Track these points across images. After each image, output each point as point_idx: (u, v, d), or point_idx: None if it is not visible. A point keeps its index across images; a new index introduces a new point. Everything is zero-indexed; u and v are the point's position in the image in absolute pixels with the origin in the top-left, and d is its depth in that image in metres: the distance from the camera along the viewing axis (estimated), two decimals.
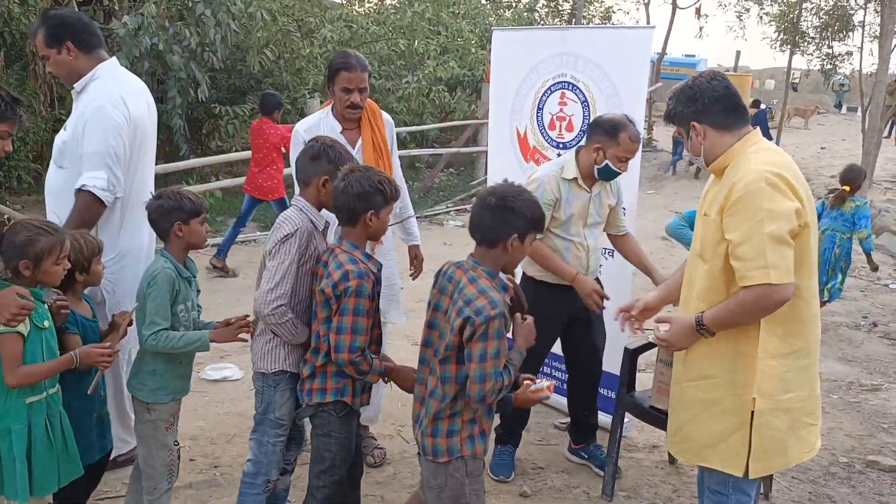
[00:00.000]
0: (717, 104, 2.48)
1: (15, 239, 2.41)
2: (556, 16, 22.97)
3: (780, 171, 2.33)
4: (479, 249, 2.47)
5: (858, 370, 5.70)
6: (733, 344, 2.43)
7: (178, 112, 9.43)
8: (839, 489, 3.87)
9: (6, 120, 2.47)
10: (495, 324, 2.31)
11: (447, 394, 2.43)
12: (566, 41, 4.18)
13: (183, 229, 2.72)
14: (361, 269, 2.57)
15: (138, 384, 2.78)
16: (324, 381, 2.67)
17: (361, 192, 2.58)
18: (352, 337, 2.54)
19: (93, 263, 2.75)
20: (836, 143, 20.91)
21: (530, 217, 2.43)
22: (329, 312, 2.58)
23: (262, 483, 2.84)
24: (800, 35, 20.83)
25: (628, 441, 4.18)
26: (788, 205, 2.29)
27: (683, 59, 33.14)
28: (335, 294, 2.55)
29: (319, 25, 11.68)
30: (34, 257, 2.41)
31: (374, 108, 3.52)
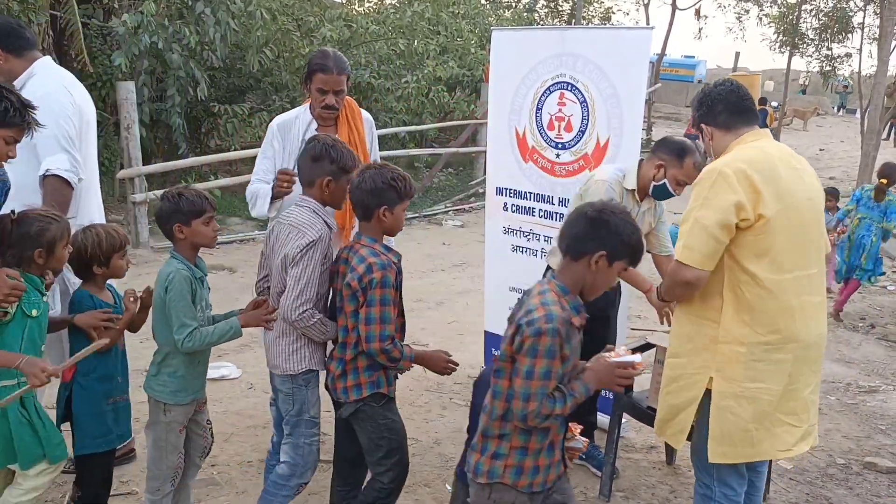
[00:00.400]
0: (720, 105, 2.63)
1: (29, 229, 2.48)
2: (556, 16, 22.98)
3: (743, 166, 2.46)
4: (562, 261, 2.30)
5: (856, 372, 5.71)
6: (696, 326, 2.59)
7: (177, 111, 9.42)
8: (836, 491, 3.87)
9: (13, 126, 2.43)
10: (545, 340, 2.11)
11: (496, 410, 2.25)
12: (565, 41, 4.18)
13: (184, 230, 2.70)
14: (383, 260, 2.63)
15: (159, 386, 2.77)
16: (357, 376, 2.71)
17: (374, 188, 2.62)
18: (381, 326, 2.60)
19: (113, 258, 2.76)
20: (834, 145, 20.95)
21: (626, 242, 2.22)
22: (356, 305, 2.63)
23: (294, 486, 2.86)
24: (799, 37, 20.86)
25: (626, 442, 4.19)
26: (728, 198, 2.42)
27: (683, 60, 33.19)
28: (361, 287, 2.59)
29: (319, 25, 11.67)
30: (48, 245, 2.50)
31: (353, 107, 3.47)
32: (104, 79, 9.69)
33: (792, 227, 2.47)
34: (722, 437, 2.54)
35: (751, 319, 2.47)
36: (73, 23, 8.62)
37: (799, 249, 2.51)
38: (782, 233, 2.45)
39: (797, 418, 2.57)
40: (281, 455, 2.89)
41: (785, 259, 2.47)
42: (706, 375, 2.55)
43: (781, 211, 2.44)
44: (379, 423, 2.75)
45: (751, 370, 2.48)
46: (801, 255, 2.52)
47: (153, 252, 7.82)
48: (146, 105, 9.20)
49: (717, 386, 2.52)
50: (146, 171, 8.20)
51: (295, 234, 2.71)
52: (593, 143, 4.10)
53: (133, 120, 7.91)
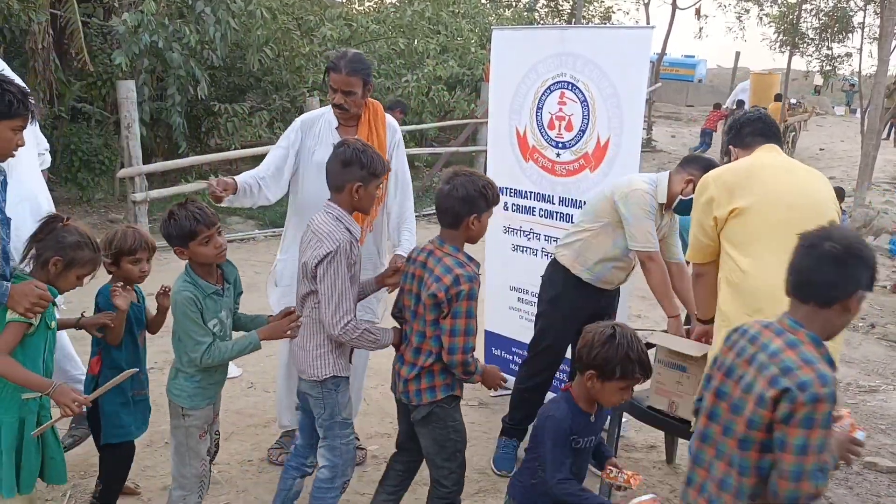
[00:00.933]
0: (747, 129, 3.01)
1: (65, 238, 2.52)
2: (556, 15, 22.94)
3: (722, 171, 2.92)
4: (804, 308, 1.95)
5: (856, 371, 5.71)
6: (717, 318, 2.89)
7: (177, 110, 9.41)
8: (836, 490, 3.87)
9: (18, 115, 2.41)
10: (824, 407, 1.80)
11: (744, 488, 1.92)
12: (566, 41, 4.17)
13: (184, 252, 2.68)
14: (470, 272, 2.62)
15: (177, 390, 2.78)
16: (431, 379, 2.74)
17: (466, 196, 2.62)
18: (465, 339, 2.62)
19: (122, 261, 2.78)
20: (834, 145, 20.93)
21: (873, 267, 1.94)
22: (438, 315, 2.63)
23: (339, 486, 2.90)
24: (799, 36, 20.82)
25: (626, 441, 4.19)
26: (704, 198, 2.87)
27: (683, 59, 33.13)
28: (447, 298, 2.59)
29: (319, 24, 11.66)
30: (68, 262, 2.51)
31: (377, 111, 3.47)
32: (104, 77, 9.68)
33: (771, 217, 2.72)
34: None
35: (737, 300, 2.74)
36: (74, 21, 8.62)
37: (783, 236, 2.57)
38: (759, 221, 2.73)
39: None
40: (319, 460, 2.90)
41: (764, 245, 2.69)
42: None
43: (756, 203, 2.74)
44: (448, 424, 2.79)
45: None
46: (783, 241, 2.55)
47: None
48: (146, 104, 9.19)
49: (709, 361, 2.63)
50: (146, 170, 8.18)
51: (315, 242, 2.71)
52: (594, 143, 4.10)
53: (133, 119, 7.90)
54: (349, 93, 3.30)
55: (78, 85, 9.89)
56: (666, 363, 3.35)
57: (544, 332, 3.82)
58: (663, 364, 3.35)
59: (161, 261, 7.50)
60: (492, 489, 3.67)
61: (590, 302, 3.72)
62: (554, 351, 3.81)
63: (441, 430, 2.78)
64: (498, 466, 3.81)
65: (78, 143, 9.20)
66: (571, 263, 3.70)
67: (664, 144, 18.36)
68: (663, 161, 16.36)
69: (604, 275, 3.67)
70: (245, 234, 8.94)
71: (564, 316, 3.74)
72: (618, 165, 4.01)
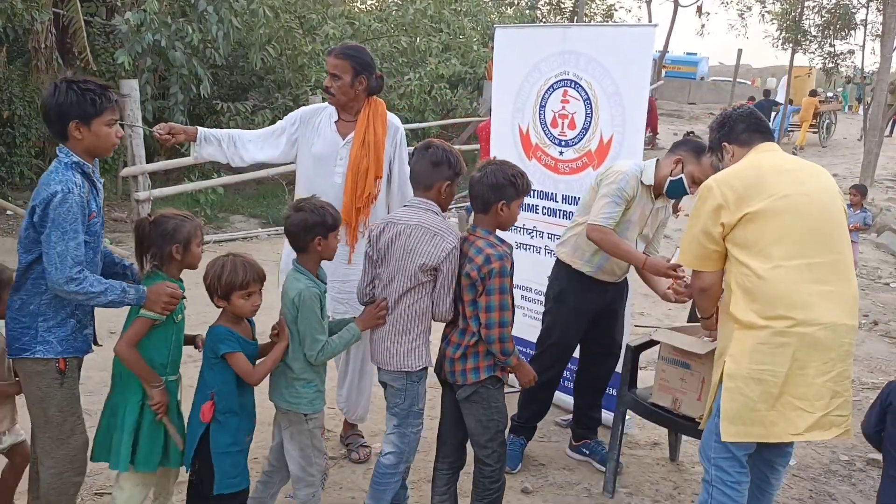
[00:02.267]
0: (741, 125, 2.88)
1: (165, 227, 2.66)
2: (558, 13, 22.94)
3: (727, 175, 2.77)
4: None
5: (859, 369, 5.71)
6: (726, 323, 2.79)
7: (179, 108, 9.43)
8: (840, 487, 3.88)
9: (104, 110, 2.52)
10: None
11: None
12: (569, 39, 4.18)
13: (321, 244, 2.76)
14: (500, 251, 2.78)
15: (294, 398, 2.80)
16: (476, 360, 2.87)
17: (496, 183, 2.80)
18: (500, 313, 2.76)
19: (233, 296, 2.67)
20: (837, 142, 20.92)
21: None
22: (475, 294, 2.79)
23: (402, 471, 3.05)
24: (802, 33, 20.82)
25: (630, 438, 4.19)
26: (709, 205, 2.73)
27: (685, 57, 33.14)
28: (480, 277, 2.75)
29: (321, 22, 11.68)
30: (184, 241, 2.66)
31: (377, 108, 3.48)
32: (107, 76, 9.70)
33: (785, 220, 2.64)
34: (733, 417, 2.66)
35: (754, 306, 2.64)
36: (76, 20, 8.64)
37: (795, 239, 2.64)
38: (770, 225, 2.65)
39: (809, 404, 2.63)
40: (386, 447, 3.01)
41: (777, 249, 2.64)
42: (723, 360, 2.73)
43: (769, 207, 2.64)
44: (492, 405, 2.91)
45: (756, 353, 2.62)
46: (800, 245, 2.65)
47: None
48: (149, 103, 9.21)
49: (727, 369, 2.68)
50: (149, 168, 8.19)
51: (430, 238, 2.80)
52: (596, 141, 4.11)
53: (136, 118, 7.92)
54: (335, 76, 3.34)
55: None
56: (669, 360, 3.35)
57: (550, 329, 3.82)
58: (667, 361, 3.36)
59: None
60: None
61: (595, 296, 3.71)
62: (560, 347, 3.81)
63: (485, 411, 2.90)
64: None
65: None
66: (571, 259, 3.72)
67: (666, 142, 18.35)
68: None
69: (604, 265, 3.67)
70: (247, 232, 8.95)
71: (569, 311, 3.75)
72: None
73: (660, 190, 3.59)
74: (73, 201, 2.41)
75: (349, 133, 3.43)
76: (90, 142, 2.53)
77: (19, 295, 2.56)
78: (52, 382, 2.56)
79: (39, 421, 2.60)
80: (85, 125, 2.49)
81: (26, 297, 2.54)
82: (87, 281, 2.43)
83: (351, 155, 3.39)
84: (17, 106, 8.56)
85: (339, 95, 3.39)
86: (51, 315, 2.54)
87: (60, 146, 2.55)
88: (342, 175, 3.41)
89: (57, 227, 2.40)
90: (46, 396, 2.57)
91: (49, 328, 2.54)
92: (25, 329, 2.54)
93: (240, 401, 2.73)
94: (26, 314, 2.54)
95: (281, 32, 10.91)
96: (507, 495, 3.61)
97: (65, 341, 2.56)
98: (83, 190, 2.48)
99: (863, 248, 9.76)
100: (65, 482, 2.64)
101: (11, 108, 8.52)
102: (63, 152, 2.52)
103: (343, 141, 3.43)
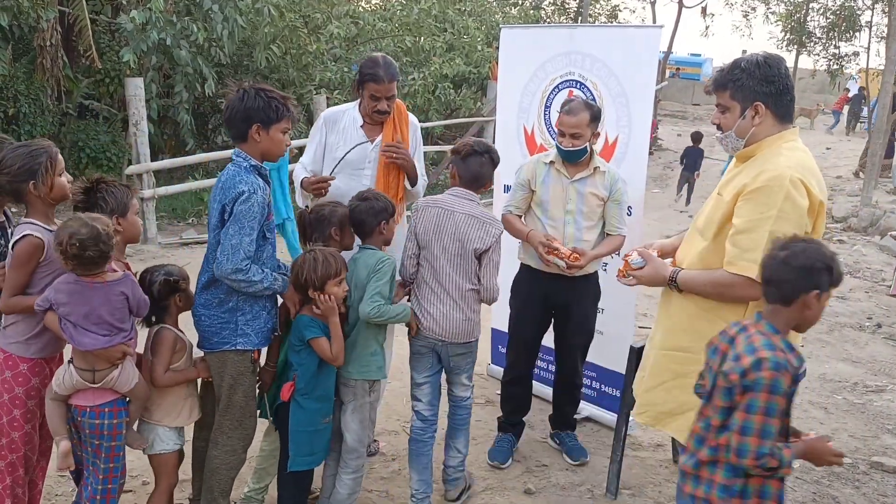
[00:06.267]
0: (787, 94, 2.49)
1: (323, 213, 3.06)
2: (563, 13, 22.91)
3: (805, 174, 2.37)
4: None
5: (863, 371, 5.70)
6: (713, 325, 2.46)
7: (184, 107, 9.45)
8: (843, 490, 3.88)
9: (282, 118, 2.73)
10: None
11: None
12: (574, 40, 4.18)
13: (385, 228, 3.07)
14: (780, 358, 2.11)
15: (363, 368, 3.03)
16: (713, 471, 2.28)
17: (808, 267, 2.13)
18: (759, 441, 2.11)
19: (328, 286, 2.82)
20: (841, 144, 20.88)
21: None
22: (730, 402, 2.19)
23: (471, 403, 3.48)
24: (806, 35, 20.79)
25: (633, 439, 4.19)
26: (802, 205, 2.34)
27: (689, 58, 33.08)
28: (742, 384, 2.13)
29: (326, 21, 11.69)
30: (340, 223, 3.05)
31: (401, 110, 3.58)
32: (112, 75, 9.73)
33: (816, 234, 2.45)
34: None
35: None
36: (82, 19, 8.66)
37: None
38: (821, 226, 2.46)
39: None
40: (460, 392, 3.40)
41: None
42: None
43: (821, 220, 2.44)
44: None
45: None
46: None
47: (161, 248, 7.84)
48: (154, 101, 9.23)
49: None
50: (154, 167, 8.22)
51: (480, 225, 3.16)
52: (602, 142, 4.10)
53: (141, 116, 7.94)
54: (391, 97, 3.45)
55: (86, 82, 9.94)
56: None
57: (510, 323, 3.94)
58: None
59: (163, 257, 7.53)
60: (499, 487, 3.68)
61: (542, 288, 3.73)
62: (519, 340, 3.87)
63: None
64: (490, 457, 3.89)
65: (86, 140, 9.25)
66: (521, 255, 3.82)
67: (670, 143, 18.32)
68: (669, 160, 16.34)
69: None
70: None
71: (521, 304, 3.84)
72: (626, 164, 4.00)
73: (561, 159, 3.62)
74: (255, 201, 2.64)
75: (376, 136, 3.50)
76: (266, 145, 2.74)
77: (215, 293, 2.77)
78: (244, 371, 2.83)
79: (223, 405, 2.85)
80: (265, 129, 2.71)
81: (223, 295, 2.76)
82: (251, 271, 2.67)
83: (381, 158, 3.46)
84: (22, 103, 8.57)
85: (392, 110, 3.51)
86: (247, 309, 2.78)
87: (236, 150, 2.76)
88: (371, 178, 3.48)
89: (236, 221, 2.62)
90: (237, 383, 2.83)
91: (247, 321, 2.79)
92: (225, 324, 2.77)
93: (319, 383, 2.91)
94: (225, 310, 2.77)
95: (286, 31, 10.92)
96: (510, 496, 3.61)
97: (260, 333, 2.83)
98: (265, 192, 2.70)
99: (866, 250, 9.74)
100: (237, 459, 2.92)
101: (17, 105, 8.54)
102: (240, 156, 2.73)
103: (371, 145, 3.49)
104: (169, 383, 2.82)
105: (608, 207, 3.65)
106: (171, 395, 2.86)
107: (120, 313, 2.52)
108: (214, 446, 2.90)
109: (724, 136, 2.55)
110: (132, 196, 2.74)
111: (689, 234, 2.73)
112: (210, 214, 2.76)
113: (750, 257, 2.34)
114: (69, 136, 9.36)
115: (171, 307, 2.84)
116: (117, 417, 2.62)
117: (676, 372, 2.67)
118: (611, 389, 4.27)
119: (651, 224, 9.88)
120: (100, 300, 2.47)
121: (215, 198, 2.71)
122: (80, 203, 2.64)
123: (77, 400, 2.58)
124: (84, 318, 2.46)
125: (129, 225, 2.71)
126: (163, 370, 2.79)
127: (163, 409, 2.85)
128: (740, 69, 2.48)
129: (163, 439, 2.86)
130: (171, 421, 2.87)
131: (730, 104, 2.51)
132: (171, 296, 2.82)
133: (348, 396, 3.07)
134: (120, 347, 2.54)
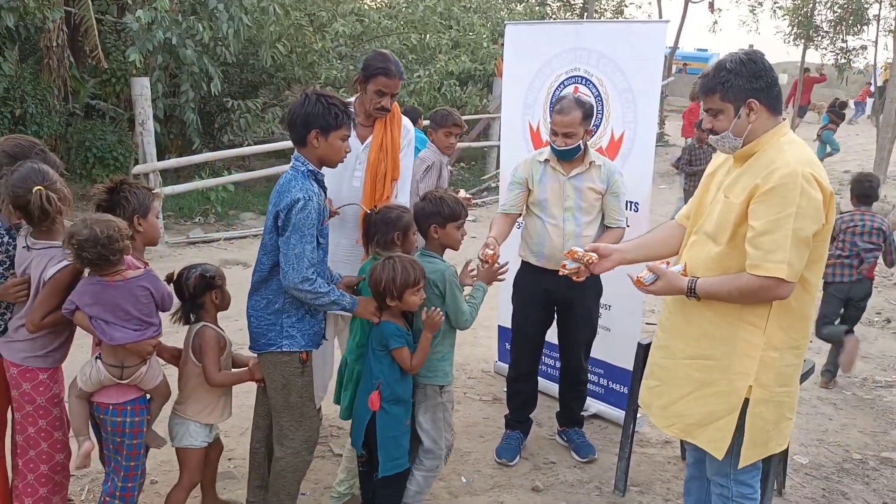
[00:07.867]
0: (775, 87, 2.44)
1: (389, 216, 3.05)
2: (568, 9, 22.83)
3: (813, 167, 2.34)
4: None
5: (872, 367, 5.67)
6: (735, 329, 2.45)
7: (190, 106, 9.46)
8: (853, 486, 3.86)
9: (342, 125, 2.74)
10: None
11: None
12: (580, 35, 4.16)
13: (438, 232, 3.05)
14: None
15: (430, 372, 3.02)
16: None
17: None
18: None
19: (406, 294, 2.82)
20: (849, 138, 20.79)
21: None
22: None
23: None
24: (813, 29, 20.66)
25: (641, 436, 4.18)
26: (818, 199, 2.30)
27: (696, 53, 32.93)
28: None
29: (331, 20, 11.69)
30: (404, 229, 3.05)
31: (395, 112, 3.56)
32: (118, 74, 9.74)
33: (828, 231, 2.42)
34: (754, 443, 2.51)
35: (790, 325, 2.43)
36: (88, 19, 8.67)
37: None
38: (827, 237, 2.43)
39: (793, 412, 2.61)
40: None
41: (824, 262, 2.49)
42: (746, 383, 2.46)
43: (831, 215, 2.39)
44: None
45: (781, 375, 2.46)
46: None
47: (168, 247, 7.86)
48: (160, 101, 9.25)
49: (758, 395, 2.47)
50: (160, 166, 8.24)
51: None
52: (608, 138, 4.09)
53: (147, 115, 7.95)
54: (395, 95, 3.45)
55: (92, 82, 9.96)
56: None
57: (512, 322, 3.96)
58: None
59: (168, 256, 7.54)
60: (507, 484, 3.68)
61: (542, 283, 3.74)
62: (521, 337, 3.89)
63: None
64: (498, 455, 3.89)
65: (92, 140, 9.27)
66: (521, 252, 3.83)
67: (677, 139, 18.25)
68: (676, 155, 16.25)
69: (543, 252, 3.72)
70: (257, 230, 8.96)
71: (521, 301, 3.86)
72: (632, 160, 3.99)
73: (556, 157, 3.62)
74: (311, 208, 2.65)
75: (367, 137, 3.50)
76: (324, 151, 2.76)
77: (264, 294, 2.81)
78: (294, 371, 2.84)
79: (280, 406, 2.87)
80: (323, 135, 2.73)
81: (271, 296, 2.80)
82: (318, 281, 2.70)
83: (370, 159, 3.46)
84: (28, 104, 8.59)
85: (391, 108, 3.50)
86: (293, 312, 2.81)
87: (296, 153, 2.79)
88: (361, 179, 3.48)
89: (297, 230, 2.64)
90: (289, 384, 2.85)
91: (293, 324, 2.82)
92: (271, 325, 2.81)
93: (402, 389, 2.94)
94: (272, 312, 2.80)
95: (291, 30, 10.92)
96: (518, 493, 3.61)
97: (306, 335, 2.85)
98: (320, 198, 2.72)
99: None
100: (301, 461, 2.94)
101: (24, 106, 8.56)
102: (299, 161, 2.76)
103: (362, 145, 3.48)
104: (224, 383, 2.91)
105: (606, 200, 3.65)
106: (209, 392, 2.91)
107: (146, 308, 2.59)
108: (279, 448, 2.93)
109: (720, 137, 2.49)
110: (154, 199, 2.78)
111: (696, 239, 2.64)
112: (267, 216, 2.80)
113: (775, 258, 2.30)
114: (76, 136, 9.38)
115: (208, 305, 2.90)
116: (139, 415, 2.68)
117: (702, 381, 2.58)
118: (618, 386, 4.26)
119: (658, 220, 9.83)
120: (123, 297, 2.53)
121: (271, 201, 2.76)
122: (102, 203, 2.70)
123: (101, 397, 2.64)
124: (112, 315, 2.53)
125: (149, 226, 2.76)
126: (216, 369, 2.86)
127: (198, 405, 2.91)
128: (726, 70, 2.43)
129: (192, 434, 2.92)
130: (204, 417, 2.93)
131: (722, 106, 2.45)
132: (207, 292, 2.87)
133: (419, 397, 3.08)
134: (150, 341, 2.61)
